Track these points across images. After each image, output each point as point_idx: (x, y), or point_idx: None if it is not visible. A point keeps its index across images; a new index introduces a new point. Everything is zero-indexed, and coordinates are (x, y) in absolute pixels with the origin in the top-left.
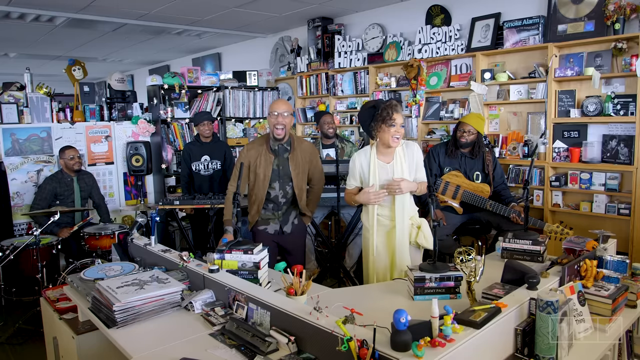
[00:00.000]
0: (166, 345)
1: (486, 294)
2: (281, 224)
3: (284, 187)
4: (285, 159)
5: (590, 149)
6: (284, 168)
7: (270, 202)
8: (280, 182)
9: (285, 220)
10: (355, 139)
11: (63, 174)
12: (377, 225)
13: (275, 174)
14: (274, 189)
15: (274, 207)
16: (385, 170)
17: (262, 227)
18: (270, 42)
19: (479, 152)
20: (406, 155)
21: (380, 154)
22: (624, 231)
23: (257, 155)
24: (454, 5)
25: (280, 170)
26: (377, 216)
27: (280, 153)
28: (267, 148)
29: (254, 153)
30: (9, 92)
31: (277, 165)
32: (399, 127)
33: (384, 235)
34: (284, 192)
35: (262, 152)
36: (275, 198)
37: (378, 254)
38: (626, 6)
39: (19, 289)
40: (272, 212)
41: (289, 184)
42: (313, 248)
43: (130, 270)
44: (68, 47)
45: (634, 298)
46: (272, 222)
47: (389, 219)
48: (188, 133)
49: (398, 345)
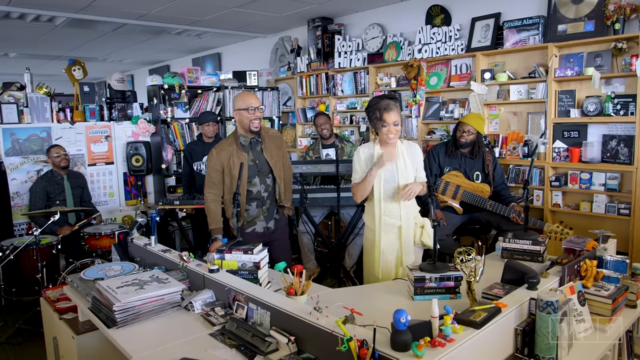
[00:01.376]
0: (166, 345)
1: (486, 294)
2: (266, 219)
3: (264, 180)
4: (260, 152)
5: (590, 149)
6: (260, 161)
7: (254, 200)
8: (259, 176)
9: (270, 215)
10: (355, 139)
11: (53, 173)
12: (382, 225)
13: (252, 169)
14: (254, 185)
15: (258, 203)
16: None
17: (250, 229)
18: (270, 42)
19: (479, 152)
20: (409, 153)
21: (384, 148)
22: (624, 231)
23: (229, 156)
24: (454, 5)
25: (257, 164)
26: (384, 215)
27: (253, 147)
28: (237, 147)
29: (225, 155)
30: (9, 92)
31: (252, 160)
32: (392, 126)
33: (389, 235)
34: (265, 186)
35: (232, 152)
36: (258, 194)
37: (384, 253)
38: (626, 6)
39: (19, 289)
40: (256, 209)
41: (268, 176)
42: (312, 248)
43: (130, 270)
44: (68, 47)
45: (634, 298)
46: (259, 221)
47: (395, 218)
48: (188, 133)
49: (398, 345)
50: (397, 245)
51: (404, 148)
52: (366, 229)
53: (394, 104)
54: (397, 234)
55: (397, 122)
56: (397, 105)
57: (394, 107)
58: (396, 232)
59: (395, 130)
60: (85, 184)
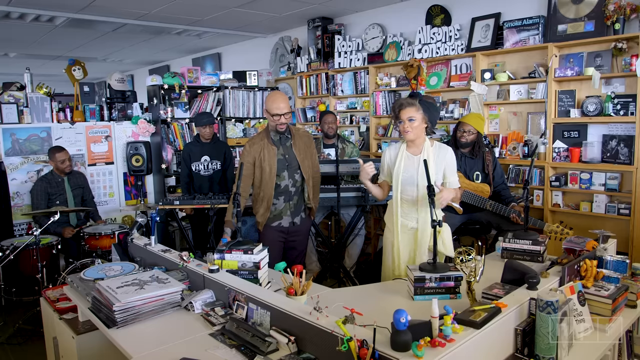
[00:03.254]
0: (166, 345)
1: (486, 294)
2: (292, 215)
3: (293, 175)
4: (289, 147)
5: (590, 149)
6: (289, 156)
7: (281, 194)
8: (288, 170)
9: (297, 211)
10: (355, 139)
11: (53, 175)
12: (399, 226)
13: (282, 163)
14: (283, 178)
15: (285, 198)
16: (412, 161)
17: (276, 222)
18: (270, 42)
19: (479, 152)
20: (437, 155)
21: (409, 147)
22: (624, 231)
23: (260, 150)
24: (454, 5)
25: (286, 159)
26: (401, 217)
27: (283, 142)
28: (268, 141)
29: (257, 148)
30: (9, 92)
31: (282, 154)
32: (407, 121)
33: (405, 236)
34: (293, 181)
35: (264, 145)
36: (286, 188)
37: (400, 255)
38: (626, 6)
39: (19, 289)
40: (284, 204)
41: (297, 171)
42: (315, 249)
43: (130, 270)
44: (68, 47)
45: (634, 298)
46: (285, 216)
47: (411, 220)
48: (188, 133)
49: (398, 345)
50: (412, 247)
51: (432, 150)
52: (385, 229)
53: (408, 101)
54: (413, 236)
55: (413, 118)
56: (414, 103)
57: (407, 105)
58: (412, 234)
59: (411, 125)
60: (85, 184)
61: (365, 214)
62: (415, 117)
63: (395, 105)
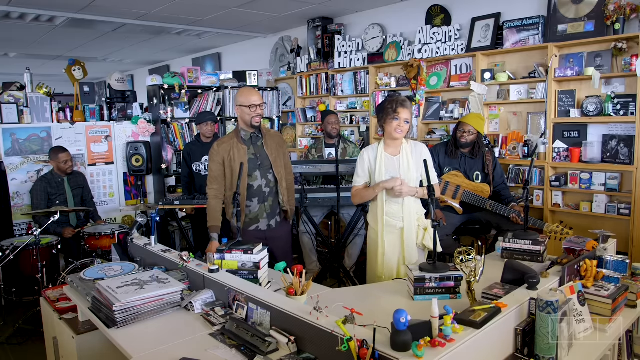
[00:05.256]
0: (166, 345)
1: (486, 294)
2: (269, 217)
3: (266, 175)
4: (260, 146)
5: (590, 149)
6: (261, 155)
7: (255, 196)
8: (260, 170)
9: (273, 213)
10: (355, 139)
11: (53, 175)
12: (385, 226)
13: (253, 162)
14: (255, 179)
15: (260, 199)
16: (392, 162)
17: (253, 226)
18: (270, 42)
19: (479, 152)
20: (413, 152)
21: (388, 147)
22: (624, 231)
23: (229, 149)
24: (454, 5)
25: (257, 158)
26: (386, 216)
27: (254, 141)
28: (238, 140)
29: (225, 147)
30: (9, 92)
31: (253, 153)
32: (403, 121)
33: (392, 236)
34: (266, 181)
35: (233, 144)
36: (259, 189)
37: (386, 254)
38: (626, 6)
39: (19, 289)
40: (258, 206)
41: (269, 171)
42: (314, 248)
43: (130, 270)
44: (68, 47)
45: (634, 298)
46: (262, 219)
47: (397, 219)
48: (188, 133)
49: (398, 345)
50: (399, 247)
51: (409, 148)
52: (370, 230)
53: (410, 102)
54: (399, 235)
55: (408, 120)
56: (411, 106)
57: (409, 106)
58: (398, 233)
59: (405, 127)
60: (85, 183)
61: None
62: (409, 121)
63: (398, 99)
